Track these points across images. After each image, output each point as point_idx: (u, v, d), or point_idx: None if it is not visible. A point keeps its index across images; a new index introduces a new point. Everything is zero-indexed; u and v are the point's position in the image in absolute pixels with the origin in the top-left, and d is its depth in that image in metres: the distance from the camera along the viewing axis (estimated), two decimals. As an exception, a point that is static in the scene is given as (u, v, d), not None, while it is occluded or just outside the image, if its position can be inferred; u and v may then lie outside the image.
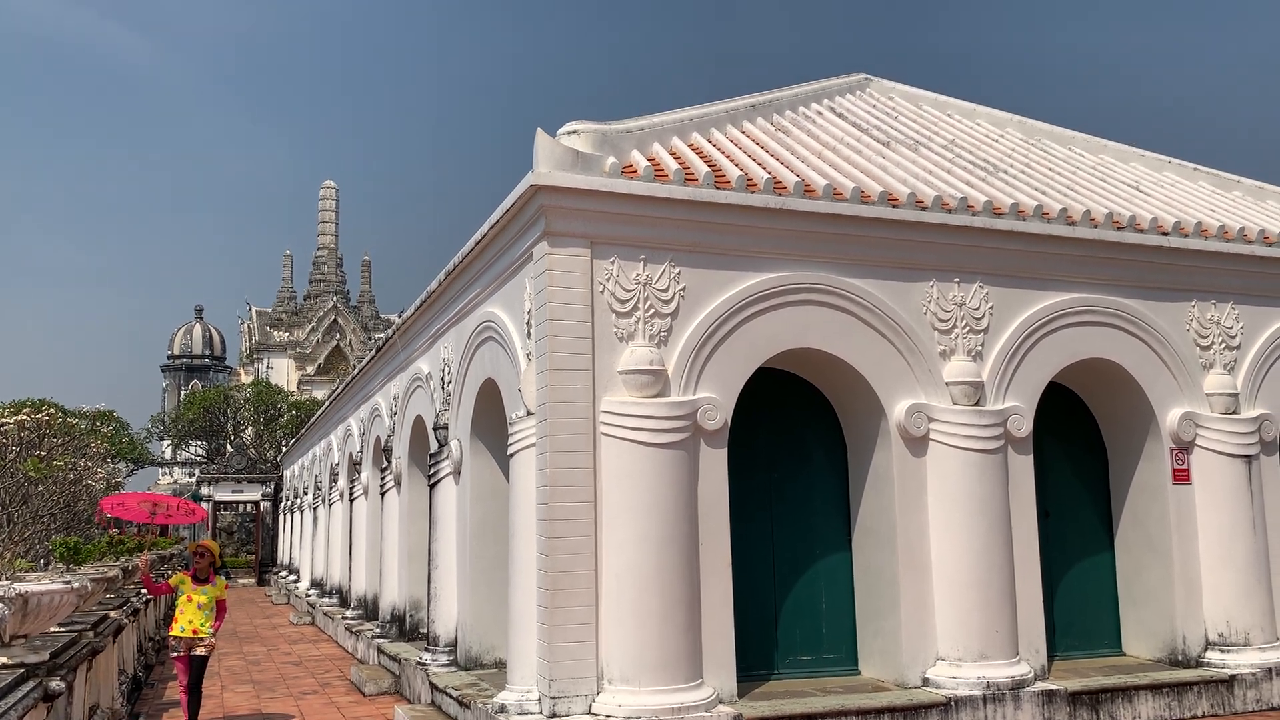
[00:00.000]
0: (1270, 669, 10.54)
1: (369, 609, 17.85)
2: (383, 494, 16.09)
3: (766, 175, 9.78)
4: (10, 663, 6.15)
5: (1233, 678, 10.36)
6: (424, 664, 11.72)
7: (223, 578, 10.63)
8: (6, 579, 7.81)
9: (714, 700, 8.61)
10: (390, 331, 15.60)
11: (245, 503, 43.87)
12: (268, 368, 56.49)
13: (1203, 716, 10.12)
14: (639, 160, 9.63)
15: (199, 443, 51.39)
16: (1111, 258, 11.04)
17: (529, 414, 9.22)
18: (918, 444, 9.99)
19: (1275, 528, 11.34)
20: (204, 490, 42.76)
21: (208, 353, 70.10)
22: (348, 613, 19.15)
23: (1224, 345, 11.56)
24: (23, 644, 6.79)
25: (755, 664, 9.97)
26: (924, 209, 10.20)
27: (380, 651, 14.41)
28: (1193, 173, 14.07)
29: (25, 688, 5.91)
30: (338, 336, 57.57)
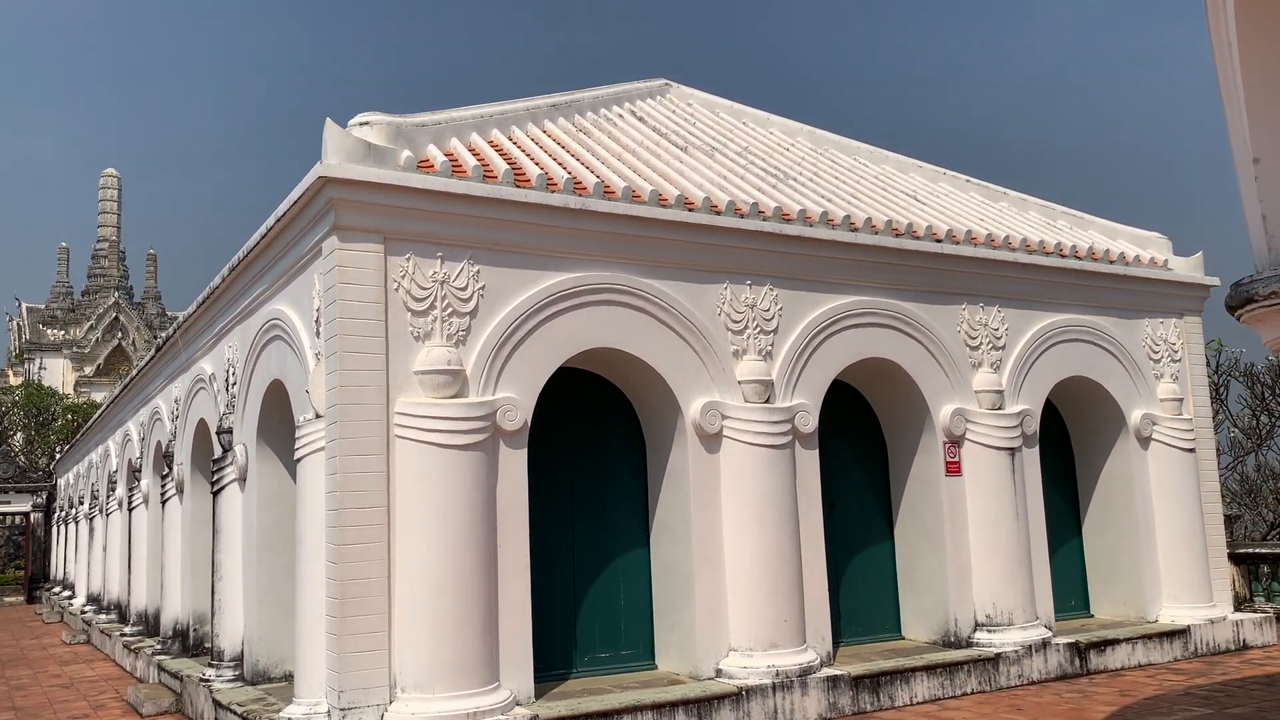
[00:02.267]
0: (1030, 646, 11.40)
1: (150, 625, 16.77)
2: (164, 502, 15.15)
3: (567, 175, 9.80)
4: None
5: (998, 655, 11.14)
6: (207, 680, 11.11)
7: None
8: None
9: (511, 703, 8.56)
10: (171, 330, 14.72)
11: (13, 514, 40.41)
12: (40, 368, 52.21)
13: (972, 693, 10.83)
14: (436, 155, 9.45)
15: (-42, 450, 46.92)
16: (890, 263, 11.67)
17: (318, 416, 8.88)
18: (712, 441, 10.25)
19: (1033, 514, 12.27)
20: (-36, 502, 39.07)
21: (-31, 352, 64.11)
22: (126, 629, 17.92)
23: (991, 345, 12.42)
24: None
25: (554, 664, 9.98)
26: (718, 213, 10.48)
27: (161, 669, 13.57)
28: (965, 184, 15.05)
29: None
30: (119, 335, 53.86)
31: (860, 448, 12.39)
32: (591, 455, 10.71)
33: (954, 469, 11.83)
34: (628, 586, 10.59)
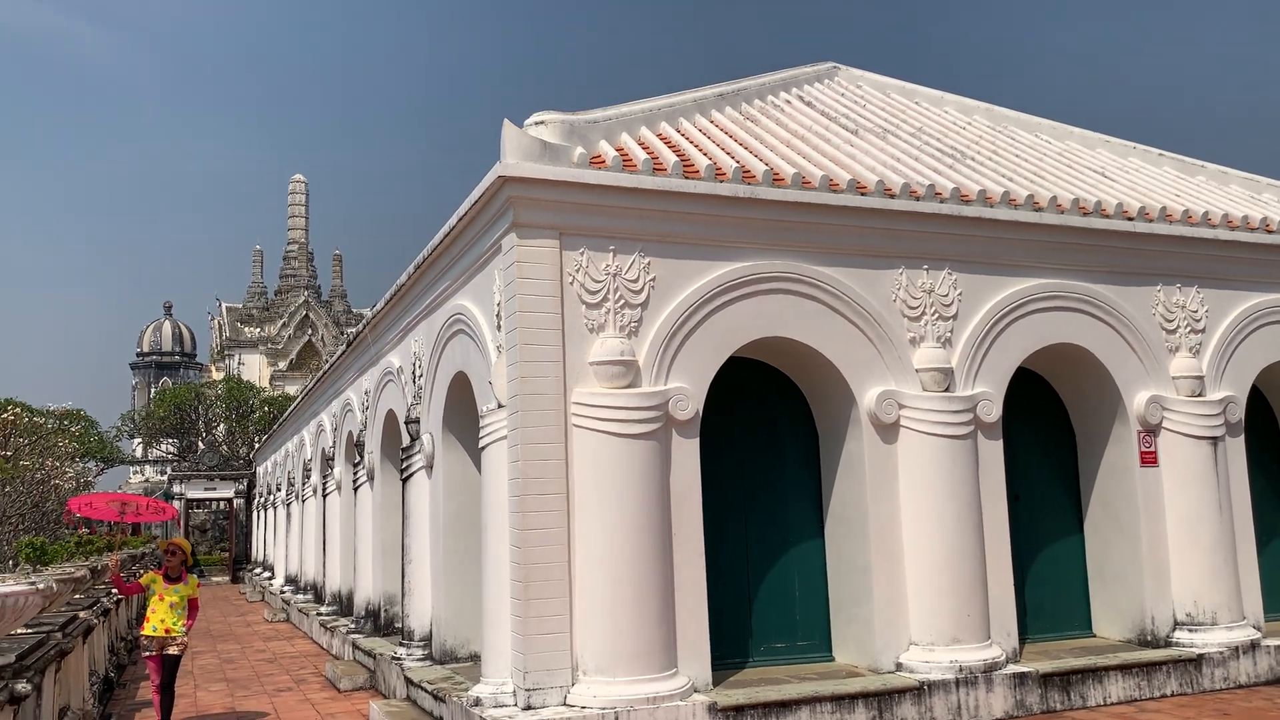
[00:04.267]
0: (1237, 647, 10.69)
1: (343, 605, 17.76)
2: (356, 489, 16.00)
3: (735, 164, 9.78)
4: (-26, 666, 6.07)
5: (1200, 657, 10.49)
6: (399, 659, 11.68)
7: (195, 576, 10.54)
8: (-29, 581, 7.71)
9: (689, 689, 8.64)
10: (361, 326, 15.50)
11: (218, 500, 43.52)
12: (239, 364, 56.02)
13: (1172, 695, 10.25)
14: (607, 150, 9.60)
15: (170, 440, 50.92)
16: (1078, 243, 11.13)
17: (500, 406, 9.19)
18: (888, 431, 10.04)
19: (1239, 507, 11.48)
20: (176, 488, 42.36)
21: (178, 350, 69.50)
22: (322, 609, 19.05)
23: (1189, 329, 11.68)
24: (-13, 646, 6.70)
25: (730, 652, 10.01)
26: (892, 197, 10.24)
27: (355, 647, 14.35)
28: (1158, 158, 14.19)
29: (-10, 691, 5.84)
30: (309, 332, 57.17)
31: (1046, 437, 11.88)
32: (763, 445, 10.67)
33: (1149, 459, 11.19)
34: (803, 577, 10.51)
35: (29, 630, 8.04)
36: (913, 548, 9.85)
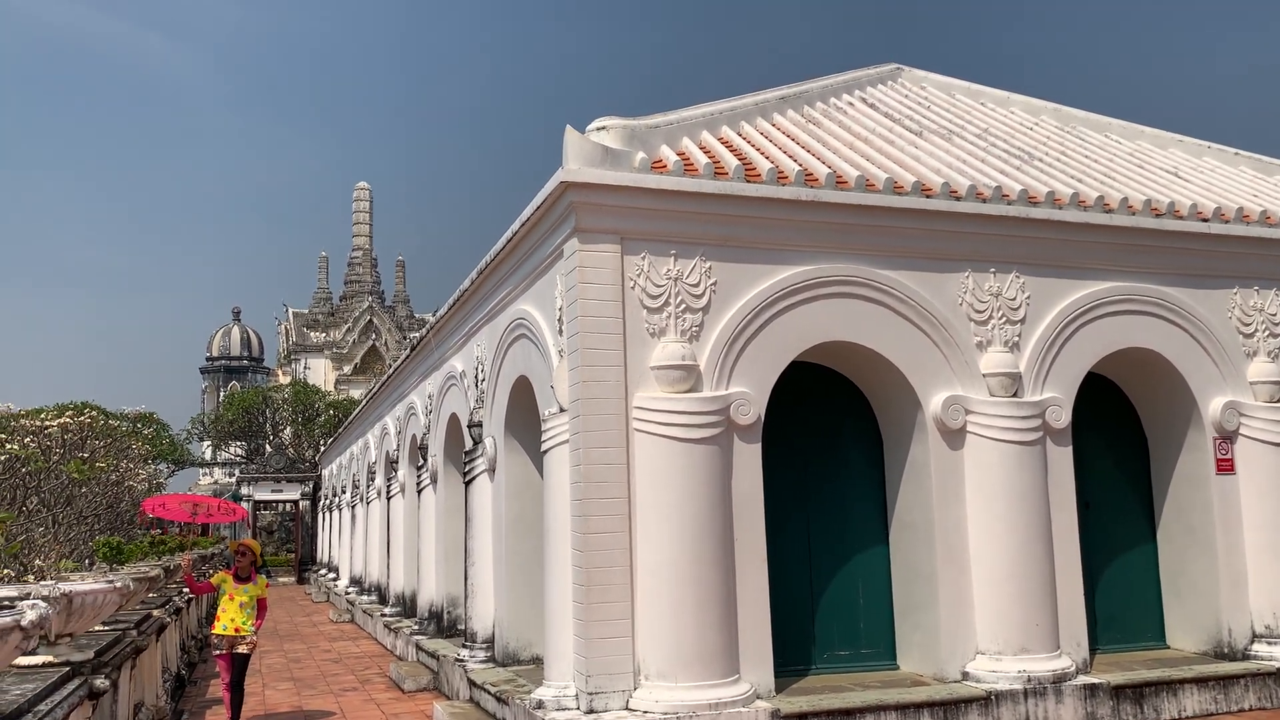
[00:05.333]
0: (1319, 661, 10.34)
1: (407, 606, 17.98)
2: (419, 491, 16.19)
3: (797, 167, 9.72)
4: (56, 661, 6.25)
5: (1280, 670, 10.18)
6: (462, 661, 11.79)
7: (264, 576, 10.75)
8: (51, 579, 7.94)
9: (751, 695, 8.59)
10: (424, 330, 15.69)
11: (284, 502, 44.34)
12: (305, 368, 57.02)
13: (1250, 710, 9.95)
14: (668, 155, 9.61)
15: (238, 443, 51.99)
16: (1150, 245, 10.87)
17: (562, 410, 9.23)
18: (955, 436, 9.89)
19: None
20: (244, 490, 43.26)
21: (246, 354, 70.99)
22: (386, 610, 19.30)
23: (1268, 332, 11.34)
24: (68, 643, 6.89)
25: (792, 659, 9.93)
26: (958, 199, 10.10)
27: (418, 648, 14.51)
28: (1233, 158, 13.82)
29: (70, 686, 6.00)
30: (373, 336, 58.00)
31: (1117, 444, 11.62)
32: (826, 450, 10.58)
33: (1226, 466, 10.88)
34: (866, 583, 10.39)
35: (106, 628, 8.26)
36: (979, 555, 9.69)
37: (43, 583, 7.00)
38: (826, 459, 10.56)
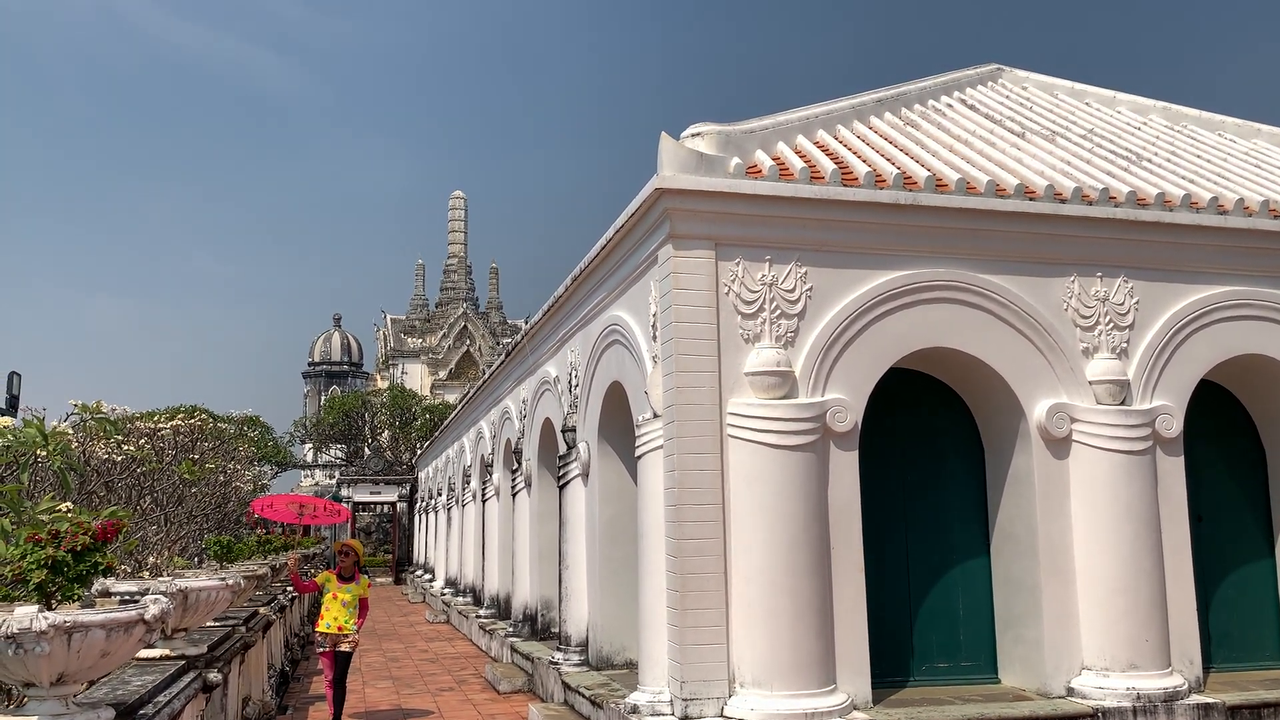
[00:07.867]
0: None
1: (501, 608, 18.21)
2: (514, 495, 16.39)
3: (895, 171, 9.58)
4: (172, 654, 6.50)
5: None
6: (556, 663, 11.89)
7: (366, 577, 11.01)
8: (167, 575, 8.26)
9: (848, 706, 8.47)
10: (519, 336, 15.89)
11: (382, 503, 45.33)
12: (402, 373, 58.24)
13: (1379, 736, 9.43)
14: (763, 160, 9.56)
15: (338, 446, 53.34)
16: (1268, 248, 10.42)
17: (655, 416, 9.25)
18: (1060, 445, 9.62)
19: None
20: (343, 492, 44.35)
21: (346, 359, 72.79)
22: (481, 611, 19.58)
23: (1398, 338, 10.74)
24: (183, 637, 7.16)
25: (890, 670, 9.76)
26: (1063, 201, 9.82)
27: (513, 650, 14.68)
28: (1359, 154, 13.14)
29: (187, 679, 6.24)
30: (468, 342, 58.96)
31: (1232, 454, 11.15)
32: (925, 458, 10.38)
33: (1351, 479, 10.34)
34: (966, 595, 10.16)
35: (217, 623, 8.56)
36: (1085, 568, 9.40)
37: (160, 578, 7.28)
38: (925, 467, 10.36)
